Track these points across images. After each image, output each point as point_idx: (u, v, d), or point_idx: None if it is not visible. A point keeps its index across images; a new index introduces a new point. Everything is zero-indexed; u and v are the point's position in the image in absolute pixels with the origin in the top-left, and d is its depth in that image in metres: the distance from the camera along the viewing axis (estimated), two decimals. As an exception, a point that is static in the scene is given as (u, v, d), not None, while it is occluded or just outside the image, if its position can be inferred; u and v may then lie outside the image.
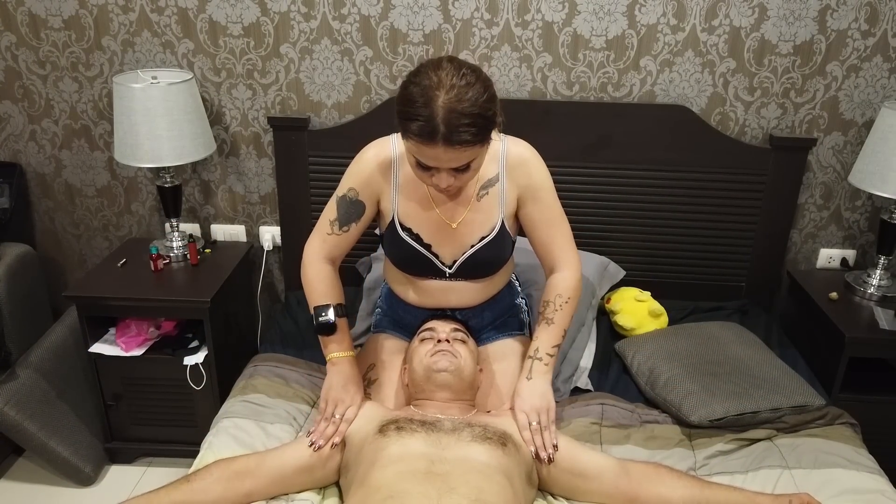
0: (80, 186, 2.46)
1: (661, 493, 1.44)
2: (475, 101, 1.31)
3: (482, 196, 1.62)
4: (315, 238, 1.68)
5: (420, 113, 1.30)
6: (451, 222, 1.63)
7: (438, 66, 1.34)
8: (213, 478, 1.43)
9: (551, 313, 1.64)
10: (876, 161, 2.02)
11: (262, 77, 2.27)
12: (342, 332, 1.64)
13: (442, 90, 1.30)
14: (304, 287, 1.67)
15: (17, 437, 2.06)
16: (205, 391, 2.17)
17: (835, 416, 1.79)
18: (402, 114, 1.35)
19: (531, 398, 1.56)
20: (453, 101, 1.30)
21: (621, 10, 2.12)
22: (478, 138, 1.34)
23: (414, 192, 1.62)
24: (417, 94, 1.31)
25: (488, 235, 1.63)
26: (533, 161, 1.62)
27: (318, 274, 1.65)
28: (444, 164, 1.38)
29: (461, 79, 1.31)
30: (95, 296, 2.10)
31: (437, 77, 1.32)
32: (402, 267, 1.72)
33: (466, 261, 1.65)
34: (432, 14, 2.16)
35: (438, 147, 1.32)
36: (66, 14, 2.21)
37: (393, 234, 1.65)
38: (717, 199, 2.24)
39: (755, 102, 2.22)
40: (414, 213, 1.63)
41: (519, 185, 1.62)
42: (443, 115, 1.30)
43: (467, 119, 1.30)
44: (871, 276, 2.20)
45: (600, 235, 2.31)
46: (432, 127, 1.30)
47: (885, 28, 2.10)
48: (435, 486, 1.30)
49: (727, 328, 2.07)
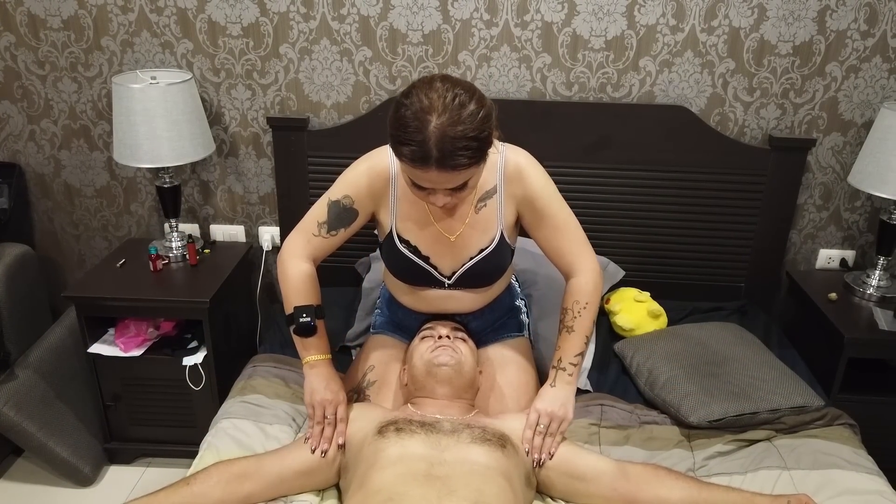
0: (79, 187, 2.46)
1: (660, 495, 1.44)
2: (469, 123, 1.27)
3: (480, 209, 1.60)
4: (299, 236, 1.63)
5: (412, 138, 1.27)
6: (450, 235, 1.61)
7: (430, 86, 1.30)
8: (213, 481, 1.43)
9: (570, 321, 1.60)
10: (875, 162, 2.02)
11: (262, 77, 2.27)
12: (320, 335, 1.60)
13: (434, 114, 1.26)
14: (282, 283, 1.62)
15: (17, 437, 2.06)
16: (204, 392, 2.17)
17: (834, 416, 1.79)
18: (394, 138, 1.31)
19: (551, 403, 1.55)
20: (446, 125, 1.25)
21: (620, 10, 2.12)
22: (472, 160, 1.30)
23: (412, 206, 1.60)
24: (410, 118, 1.27)
25: (487, 248, 1.62)
26: (529, 170, 1.57)
27: (299, 273, 1.60)
28: (439, 186, 1.35)
29: (454, 100, 1.27)
30: (94, 296, 2.10)
31: (429, 99, 1.27)
32: (401, 277, 1.71)
33: (465, 273, 1.65)
34: (431, 14, 2.16)
35: (432, 171, 1.29)
36: (65, 14, 2.21)
37: (391, 246, 1.64)
38: (716, 199, 2.24)
39: (754, 103, 2.22)
40: (412, 226, 1.62)
41: (516, 196, 1.59)
42: (435, 139, 1.26)
43: (461, 143, 1.26)
44: (870, 277, 2.20)
45: (599, 236, 2.31)
46: (425, 152, 1.27)
47: (884, 29, 2.10)
48: (434, 488, 1.30)
49: (726, 329, 2.07)
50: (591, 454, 1.56)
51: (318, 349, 1.59)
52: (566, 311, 1.61)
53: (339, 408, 1.53)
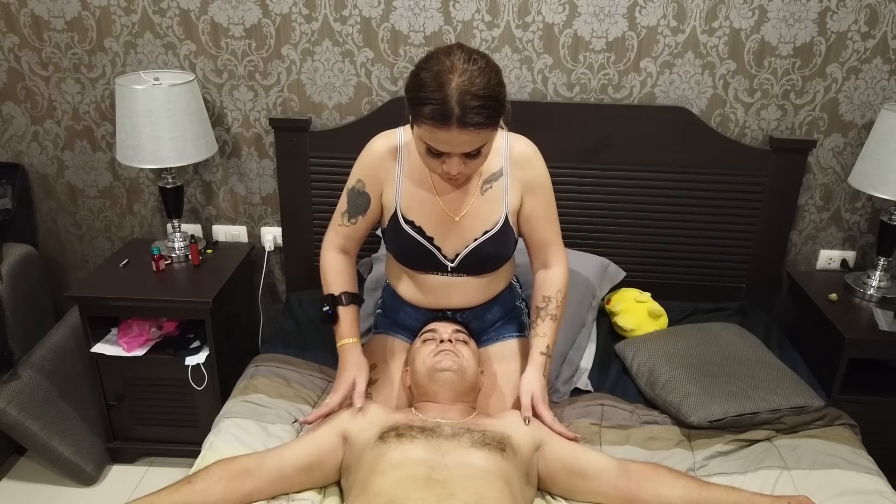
0: (82, 187, 2.47)
1: (660, 494, 1.44)
2: (487, 83, 1.33)
3: (486, 190, 1.63)
4: (330, 228, 1.73)
5: (433, 97, 1.32)
6: (455, 215, 1.63)
7: (449, 52, 1.36)
8: (215, 478, 1.43)
9: (555, 310, 1.68)
10: (876, 163, 2.02)
11: (264, 78, 2.28)
12: (344, 320, 1.67)
13: (455, 73, 1.32)
14: (321, 276, 1.73)
15: (20, 436, 2.07)
16: (206, 391, 2.18)
17: (834, 417, 1.80)
18: (413, 99, 1.36)
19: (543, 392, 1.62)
20: (466, 83, 1.32)
21: (621, 11, 2.13)
22: (490, 121, 1.36)
23: (418, 185, 1.63)
24: (429, 79, 1.33)
25: (492, 230, 1.63)
26: (535, 158, 1.64)
27: (328, 262, 1.71)
28: (456, 149, 1.39)
29: (472, 63, 1.34)
30: (97, 296, 2.11)
31: (450, 62, 1.34)
32: (404, 261, 1.72)
33: (469, 255, 1.65)
34: (433, 16, 2.16)
35: (453, 129, 1.34)
36: (68, 16, 2.22)
37: (396, 227, 1.65)
38: (717, 200, 2.25)
39: (755, 104, 2.23)
40: (417, 206, 1.64)
41: (522, 180, 1.63)
42: (457, 97, 1.31)
43: (480, 101, 1.32)
44: (870, 278, 2.21)
45: (600, 236, 2.31)
46: (446, 109, 1.32)
47: (884, 30, 2.11)
48: (434, 491, 1.31)
49: (727, 329, 2.08)
50: (594, 451, 1.56)
51: (342, 335, 1.67)
52: (549, 300, 1.68)
53: (358, 382, 1.59)
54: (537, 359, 1.65)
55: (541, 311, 1.68)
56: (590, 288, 2.14)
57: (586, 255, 2.23)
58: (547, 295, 1.68)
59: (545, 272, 1.71)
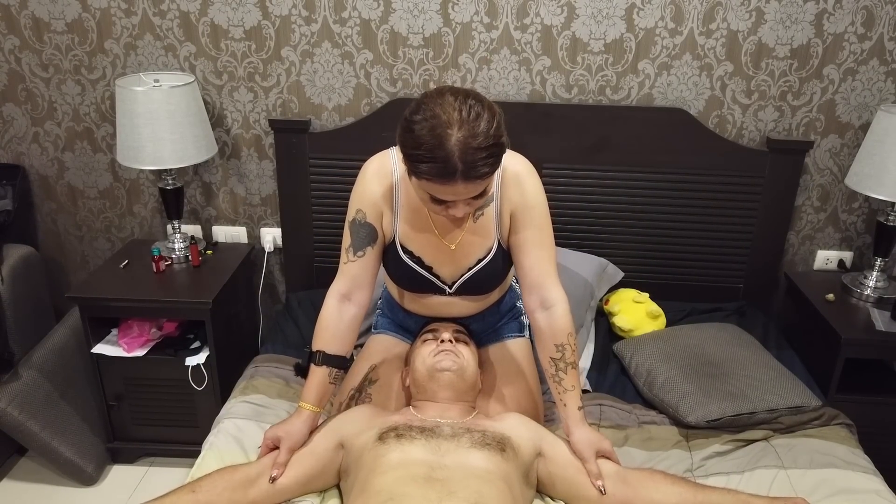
0: (82, 188, 2.48)
1: (655, 500, 1.45)
2: (488, 132, 1.26)
3: (478, 217, 1.59)
4: (337, 274, 1.61)
5: (435, 155, 1.25)
6: (450, 244, 1.60)
7: (441, 98, 1.28)
8: (219, 489, 1.43)
9: (571, 356, 1.54)
10: (872, 164, 2.03)
11: (264, 80, 2.29)
12: (310, 381, 1.55)
13: (453, 128, 1.25)
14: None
15: (20, 437, 2.08)
16: (206, 392, 2.19)
17: (831, 416, 1.81)
18: (412, 157, 1.29)
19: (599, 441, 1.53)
20: (468, 138, 1.25)
21: (619, 13, 2.14)
22: (494, 167, 1.30)
23: (414, 215, 1.59)
24: (426, 135, 1.25)
25: (485, 258, 1.61)
26: (527, 178, 1.54)
27: (322, 313, 1.60)
28: (461, 197, 1.34)
29: (469, 111, 1.26)
30: (98, 297, 2.11)
31: (445, 114, 1.26)
32: (403, 285, 1.71)
33: (466, 281, 1.65)
34: (432, 18, 2.17)
35: (458, 184, 1.28)
36: (69, 17, 2.23)
37: (394, 256, 1.63)
38: (714, 201, 2.26)
39: (752, 105, 2.23)
40: (414, 236, 1.60)
41: (512, 202, 1.55)
42: (459, 153, 1.25)
43: (484, 153, 1.26)
44: (867, 278, 2.22)
45: (599, 237, 2.32)
46: (449, 167, 1.26)
47: (881, 32, 2.12)
48: (434, 489, 1.32)
49: (725, 329, 2.09)
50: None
51: (302, 395, 1.55)
52: (563, 348, 1.54)
53: (284, 449, 1.49)
54: (578, 414, 1.53)
55: (558, 362, 1.54)
56: (588, 288, 2.15)
57: (585, 256, 2.24)
58: (559, 343, 1.53)
59: (548, 315, 1.55)
